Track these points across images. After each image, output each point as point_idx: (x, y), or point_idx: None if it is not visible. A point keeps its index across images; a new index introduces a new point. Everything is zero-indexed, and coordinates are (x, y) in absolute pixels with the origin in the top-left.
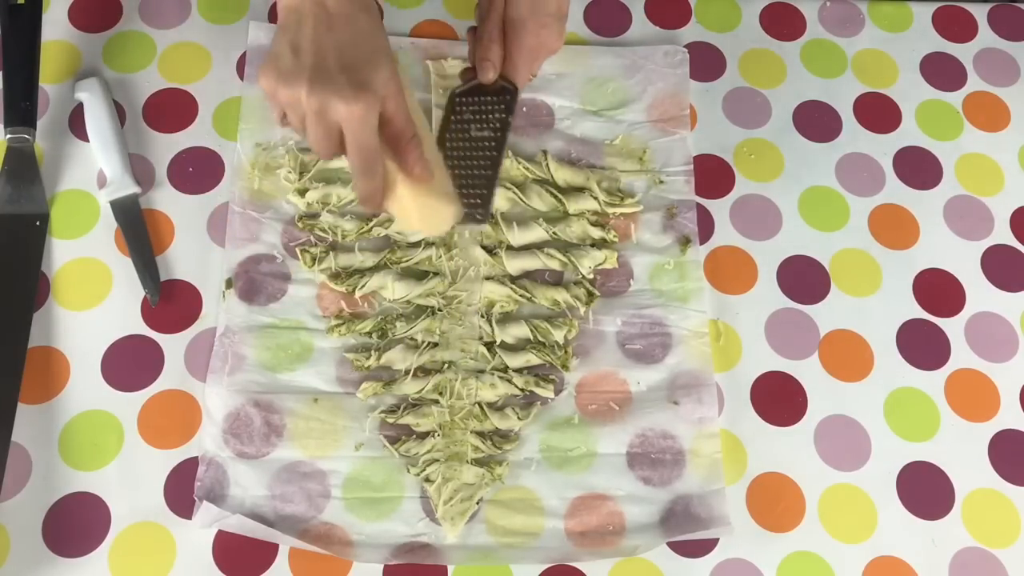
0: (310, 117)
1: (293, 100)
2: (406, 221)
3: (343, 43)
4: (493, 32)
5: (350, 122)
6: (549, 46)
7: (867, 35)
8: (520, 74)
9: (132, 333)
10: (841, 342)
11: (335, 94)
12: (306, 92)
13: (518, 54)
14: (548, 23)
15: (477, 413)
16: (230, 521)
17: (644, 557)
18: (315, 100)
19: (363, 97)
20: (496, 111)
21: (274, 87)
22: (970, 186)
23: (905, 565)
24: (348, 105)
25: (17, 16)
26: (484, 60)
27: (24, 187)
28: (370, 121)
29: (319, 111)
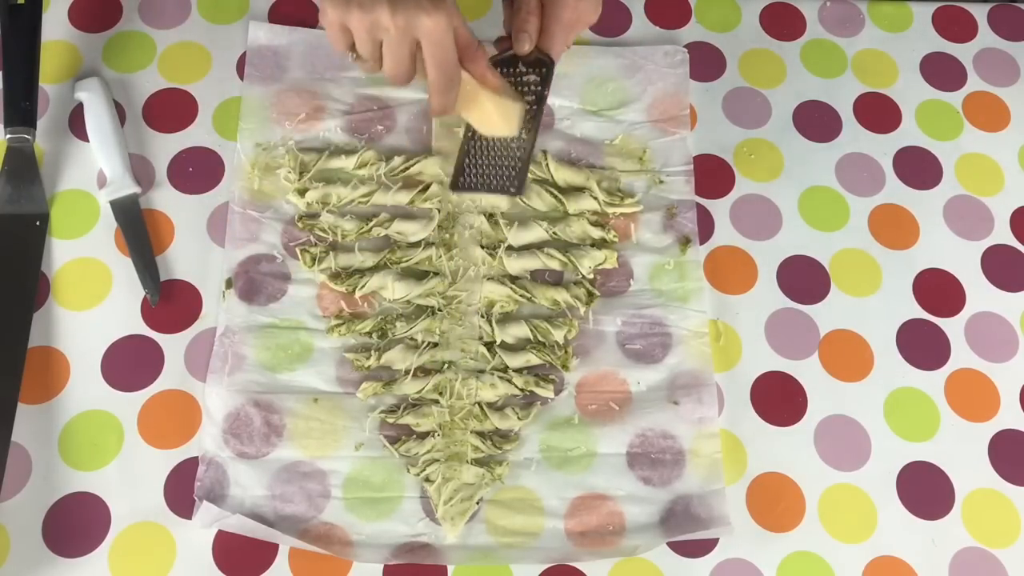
0: (394, 37)
1: (370, 23)
2: (487, 124)
3: None
4: (531, 3)
5: (434, 35)
6: (586, 19)
7: (867, 35)
8: (557, 47)
9: (132, 333)
10: (841, 342)
11: (418, 8)
12: (389, 11)
13: (556, 26)
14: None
15: (477, 413)
16: (230, 521)
17: (644, 557)
18: (400, 17)
19: (443, 8)
20: (532, 83)
21: (345, 12)
22: (970, 186)
23: (905, 565)
24: (432, 18)
25: (17, 16)
26: (521, 31)
27: (24, 187)
28: (450, 32)
29: (404, 28)
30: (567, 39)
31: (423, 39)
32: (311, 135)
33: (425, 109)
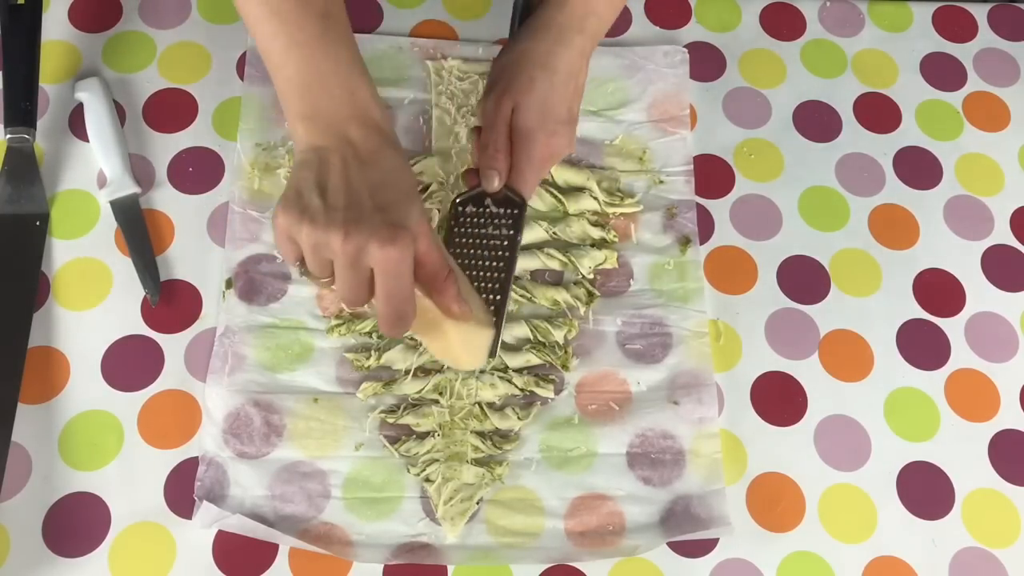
0: (343, 262)
1: (320, 243)
2: (447, 356)
3: (375, 182)
4: (499, 140)
5: (386, 267)
6: (559, 154)
7: (867, 35)
8: (528, 185)
9: (132, 333)
10: (841, 342)
11: (372, 237)
12: (342, 236)
13: (527, 166)
14: (558, 131)
15: (477, 413)
16: (230, 521)
17: (644, 557)
18: (351, 245)
19: (400, 239)
20: (503, 226)
21: (297, 228)
22: (970, 186)
23: (905, 565)
24: (384, 249)
25: (17, 16)
26: (489, 169)
27: (24, 187)
28: (406, 264)
29: (355, 255)
30: (539, 176)
31: (375, 268)
32: None
33: (426, 109)
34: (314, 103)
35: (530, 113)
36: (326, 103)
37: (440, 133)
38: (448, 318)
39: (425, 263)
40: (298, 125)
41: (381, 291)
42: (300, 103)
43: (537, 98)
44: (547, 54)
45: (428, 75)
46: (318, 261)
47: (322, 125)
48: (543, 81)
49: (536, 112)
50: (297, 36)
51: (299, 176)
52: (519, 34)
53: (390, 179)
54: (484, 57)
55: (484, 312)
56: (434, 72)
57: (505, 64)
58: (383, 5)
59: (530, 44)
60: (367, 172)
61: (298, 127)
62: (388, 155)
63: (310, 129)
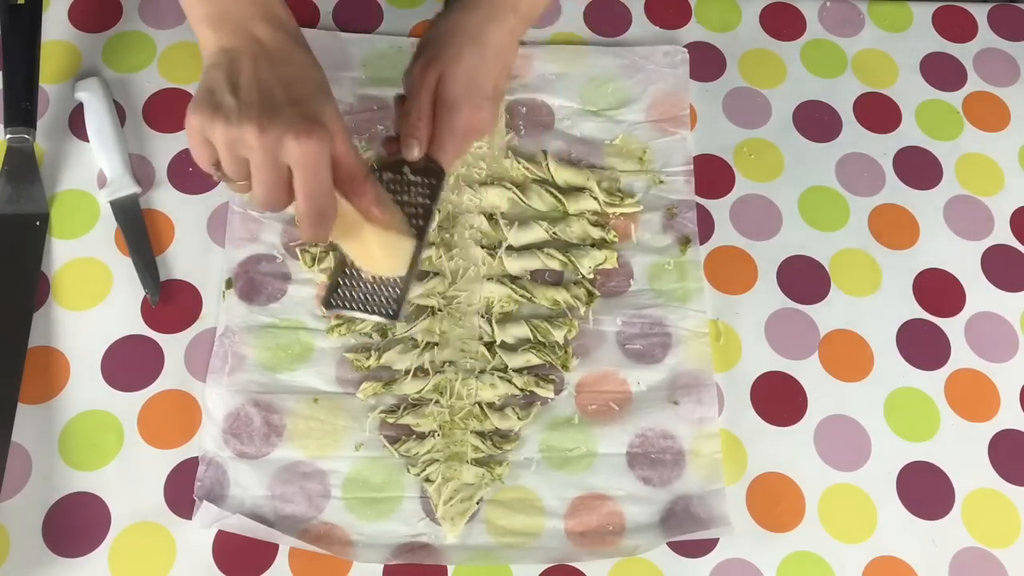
0: (259, 159)
1: (234, 139)
2: (367, 261)
3: (287, 78)
4: (423, 108)
5: (305, 160)
6: (480, 129)
7: (867, 35)
8: (448, 156)
9: (132, 333)
10: (841, 342)
11: (288, 130)
12: (257, 130)
13: (448, 136)
14: (483, 105)
15: (477, 413)
16: (230, 521)
17: (644, 557)
18: (268, 138)
19: (316, 131)
20: (420, 194)
21: (210, 126)
22: (970, 186)
23: (905, 565)
24: (301, 142)
25: (17, 16)
26: (410, 137)
27: (24, 187)
28: (324, 158)
29: (271, 150)
30: (460, 149)
31: (292, 165)
32: None
33: None
34: (219, 5)
35: (456, 84)
36: (231, 4)
37: None
38: (368, 222)
39: (342, 163)
40: (204, 28)
41: (301, 188)
42: (205, 6)
43: (464, 70)
44: (478, 28)
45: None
46: (234, 160)
47: (229, 26)
48: (472, 55)
49: (462, 84)
50: None
51: (210, 76)
52: (453, 6)
53: (302, 74)
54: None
55: (403, 223)
56: None
57: (434, 35)
58: (383, 5)
59: (462, 16)
60: (278, 68)
61: (205, 30)
62: (297, 52)
63: (217, 31)
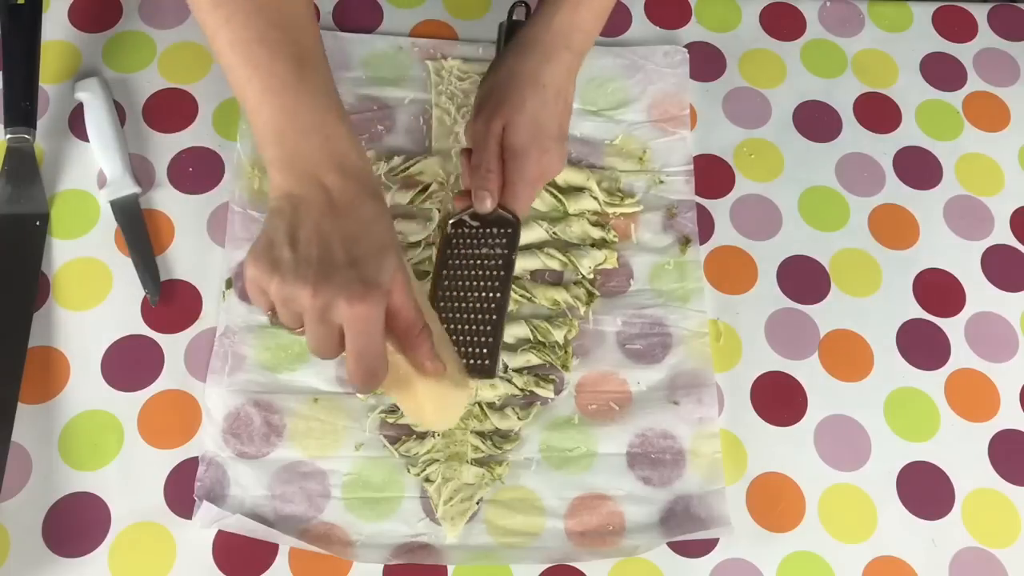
0: (311, 316)
1: (289, 297)
2: (417, 415)
3: (348, 234)
4: (491, 161)
5: (355, 324)
6: (551, 172)
7: (867, 35)
8: (521, 204)
9: (132, 333)
10: (841, 342)
11: (341, 293)
12: (311, 292)
13: (520, 184)
14: (550, 147)
15: (477, 413)
16: (230, 521)
17: (644, 557)
18: (320, 300)
19: (371, 296)
20: (497, 245)
21: (267, 280)
22: (970, 186)
23: (905, 565)
24: (354, 307)
25: (17, 16)
26: (481, 190)
27: (24, 187)
28: (377, 322)
29: (323, 311)
30: (532, 195)
31: (343, 326)
32: None
33: (427, 109)
34: (289, 149)
35: (522, 131)
36: (302, 149)
37: (440, 133)
38: (420, 375)
39: (398, 316)
40: (274, 171)
41: (351, 348)
42: (275, 149)
43: (529, 116)
44: (536, 71)
45: (428, 75)
46: (288, 314)
47: (297, 172)
48: (534, 99)
49: (528, 130)
50: (271, 82)
51: (271, 225)
52: (505, 53)
53: (365, 231)
54: (484, 57)
55: (460, 371)
56: (434, 72)
57: (493, 84)
58: (383, 5)
59: (518, 62)
60: (341, 223)
61: (274, 173)
62: (365, 205)
63: (286, 176)
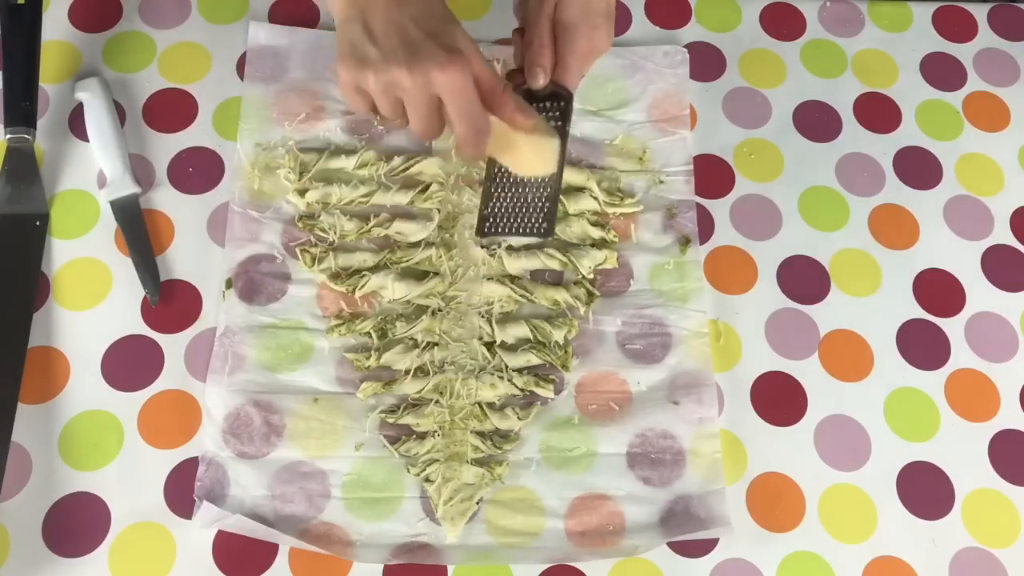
0: (413, 95)
1: (388, 84)
2: (523, 165)
3: (417, 15)
4: (544, 36)
5: (453, 87)
6: (600, 47)
7: (867, 35)
8: (573, 78)
9: (132, 333)
10: (841, 342)
11: (432, 64)
12: (407, 71)
13: (571, 58)
14: (599, 23)
15: (477, 413)
16: (230, 521)
17: (644, 557)
18: (418, 75)
19: (458, 59)
20: (552, 119)
21: (361, 76)
22: (970, 186)
23: (905, 565)
24: (448, 72)
25: (17, 16)
26: (535, 66)
27: (24, 187)
28: (469, 82)
29: (423, 85)
30: (583, 70)
31: (443, 94)
32: (311, 135)
33: None
34: None
35: (573, 8)
36: None
37: None
38: (516, 131)
39: (482, 81)
40: None
41: (454, 113)
42: None
43: None
44: None
45: None
46: (389, 102)
47: None
48: None
49: (578, 6)
50: None
51: (346, 31)
52: None
53: (429, 9)
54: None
55: (545, 124)
56: None
57: None
58: None
59: None
60: (407, 9)
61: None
62: None
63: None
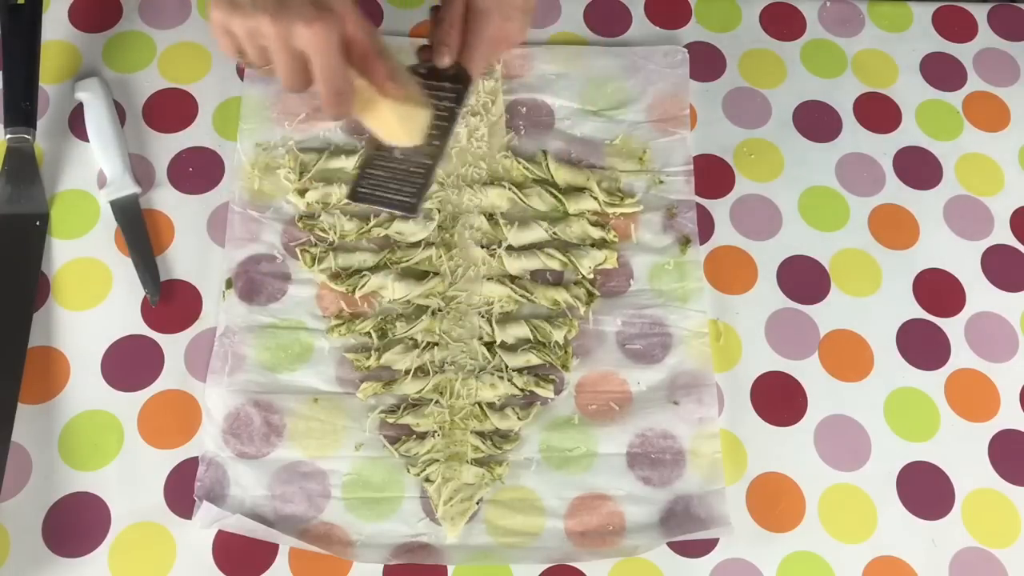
0: (275, 45)
1: (252, 30)
2: (387, 132)
3: None
4: (455, 17)
5: (314, 44)
6: (511, 39)
7: (867, 35)
8: (476, 64)
9: (132, 333)
10: (841, 342)
11: (298, 17)
12: (270, 20)
13: (477, 44)
14: (513, 16)
15: (477, 413)
16: (230, 521)
17: (644, 557)
18: (281, 25)
19: (324, 17)
20: (447, 99)
21: (229, 18)
22: (970, 186)
23: (905, 565)
24: (311, 28)
25: (17, 16)
26: (441, 44)
27: (24, 187)
28: (334, 41)
29: (284, 37)
30: (489, 57)
31: (305, 49)
32: (311, 135)
33: None
34: None
35: None
36: None
37: None
38: (384, 97)
39: (355, 43)
40: None
41: (316, 70)
42: None
43: None
44: None
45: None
46: (254, 48)
47: None
48: None
49: None
50: None
51: None
52: None
53: None
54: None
55: (417, 92)
56: None
57: None
58: (383, 5)
59: None
60: None
61: None
62: None
63: None
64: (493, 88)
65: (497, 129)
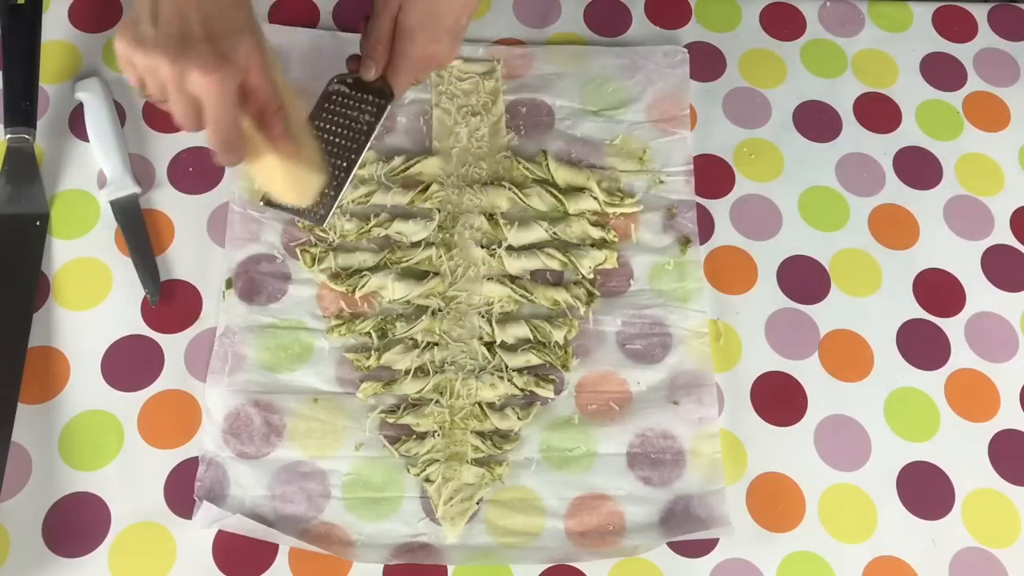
0: (171, 87)
1: (151, 68)
2: (270, 186)
3: (207, 13)
4: (383, 32)
5: (208, 93)
6: (438, 61)
7: (867, 35)
8: (400, 82)
9: (132, 333)
10: (841, 342)
11: (195, 64)
12: (169, 61)
13: (402, 63)
14: (440, 38)
15: (477, 413)
16: (230, 521)
17: (644, 557)
18: (177, 70)
19: (223, 68)
20: (367, 112)
21: (131, 53)
22: (970, 186)
23: (905, 565)
24: (206, 76)
25: (17, 16)
26: (367, 58)
27: (24, 187)
28: (228, 92)
29: (180, 81)
30: (411, 76)
31: (199, 96)
32: None
33: (426, 109)
34: None
35: (415, 14)
36: None
37: (440, 133)
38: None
39: (255, 95)
40: None
41: (207, 117)
42: None
43: (423, 2)
44: None
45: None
46: (153, 84)
47: None
48: None
49: (421, 14)
50: None
51: (138, 4)
52: None
53: (222, 12)
54: (484, 57)
55: (316, 156)
56: (434, 72)
57: None
58: None
59: None
60: (201, 4)
61: None
62: None
63: None
64: (493, 88)
65: (497, 129)
